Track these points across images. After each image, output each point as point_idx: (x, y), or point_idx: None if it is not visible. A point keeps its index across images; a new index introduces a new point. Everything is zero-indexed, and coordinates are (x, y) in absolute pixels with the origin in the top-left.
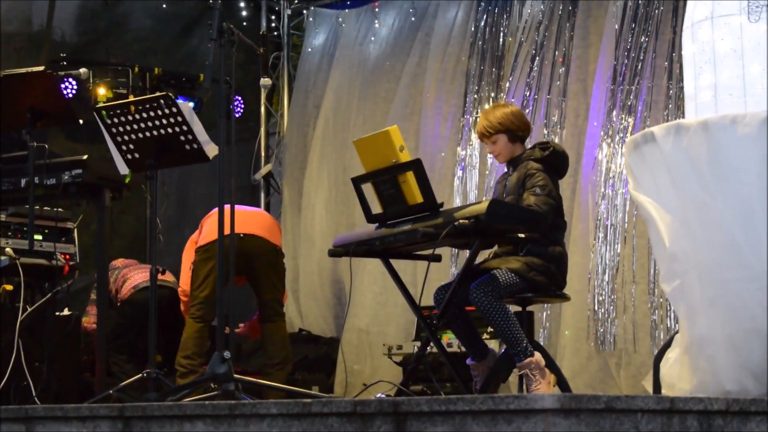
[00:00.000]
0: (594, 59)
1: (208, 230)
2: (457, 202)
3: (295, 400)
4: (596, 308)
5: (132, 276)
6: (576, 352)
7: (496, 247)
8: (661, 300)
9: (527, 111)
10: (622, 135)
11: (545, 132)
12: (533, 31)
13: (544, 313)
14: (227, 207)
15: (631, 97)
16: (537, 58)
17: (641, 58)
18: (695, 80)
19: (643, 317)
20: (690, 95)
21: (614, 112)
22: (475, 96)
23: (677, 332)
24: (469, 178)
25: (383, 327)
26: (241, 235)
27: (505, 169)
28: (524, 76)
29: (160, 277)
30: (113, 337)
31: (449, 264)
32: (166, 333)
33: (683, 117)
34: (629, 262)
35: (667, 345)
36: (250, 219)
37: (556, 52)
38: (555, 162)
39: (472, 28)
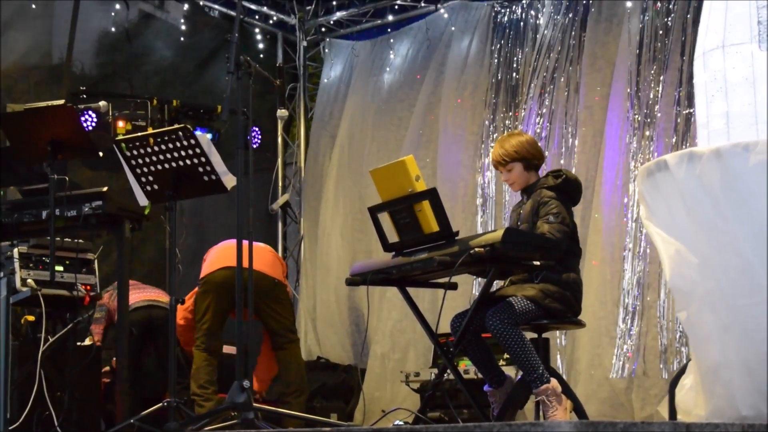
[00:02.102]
0: (602, 85)
1: (207, 263)
2: (477, 230)
3: (313, 428)
4: (617, 333)
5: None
6: (590, 378)
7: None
8: (670, 323)
9: (541, 139)
10: (637, 163)
11: (561, 161)
12: (545, 59)
13: (562, 339)
14: (238, 239)
15: (645, 125)
16: (549, 86)
17: (654, 86)
18: (707, 108)
19: (652, 340)
20: (702, 123)
21: (629, 139)
22: (492, 125)
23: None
24: (486, 207)
25: (403, 354)
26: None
27: (520, 198)
28: (538, 104)
29: (153, 296)
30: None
31: (469, 291)
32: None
33: (691, 143)
34: (644, 287)
35: (682, 371)
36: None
37: (569, 81)
38: (568, 189)
39: (488, 57)
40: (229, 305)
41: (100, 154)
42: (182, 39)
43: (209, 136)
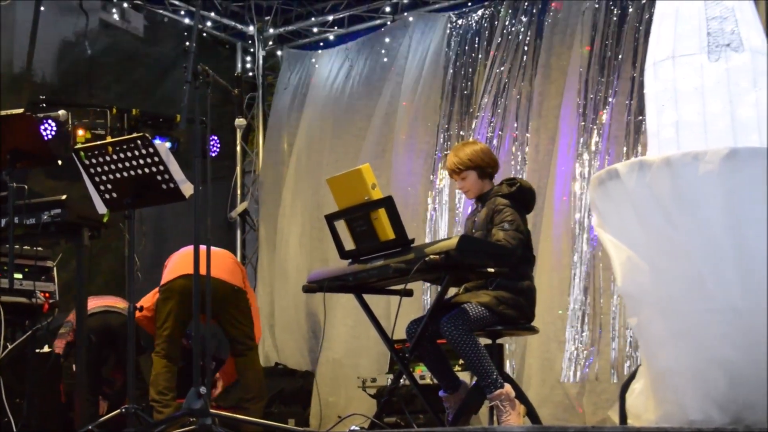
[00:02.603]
0: (555, 95)
1: (168, 270)
2: (428, 237)
3: None
4: (566, 338)
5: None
6: (542, 383)
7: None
8: (621, 329)
9: (493, 147)
10: (586, 170)
11: (512, 167)
12: (498, 69)
13: (514, 345)
14: (195, 247)
15: (595, 134)
16: (502, 96)
17: (605, 96)
18: (658, 117)
19: (604, 346)
20: (653, 132)
21: (580, 148)
22: (446, 134)
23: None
24: (439, 214)
25: (357, 359)
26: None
27: (474, 205)
28: (491, 113)
29: (108, 303)
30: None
31: (422, 298)
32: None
33: (642, 151)
34: (595, 292)
35: (633, 376)
36: (211, 260)
37: (521, 90)
38: (522, 197)
39: (443, 67)
40: (190, 312)
41: (59, 162)
42: (142, 49)
43: (168, 144)
